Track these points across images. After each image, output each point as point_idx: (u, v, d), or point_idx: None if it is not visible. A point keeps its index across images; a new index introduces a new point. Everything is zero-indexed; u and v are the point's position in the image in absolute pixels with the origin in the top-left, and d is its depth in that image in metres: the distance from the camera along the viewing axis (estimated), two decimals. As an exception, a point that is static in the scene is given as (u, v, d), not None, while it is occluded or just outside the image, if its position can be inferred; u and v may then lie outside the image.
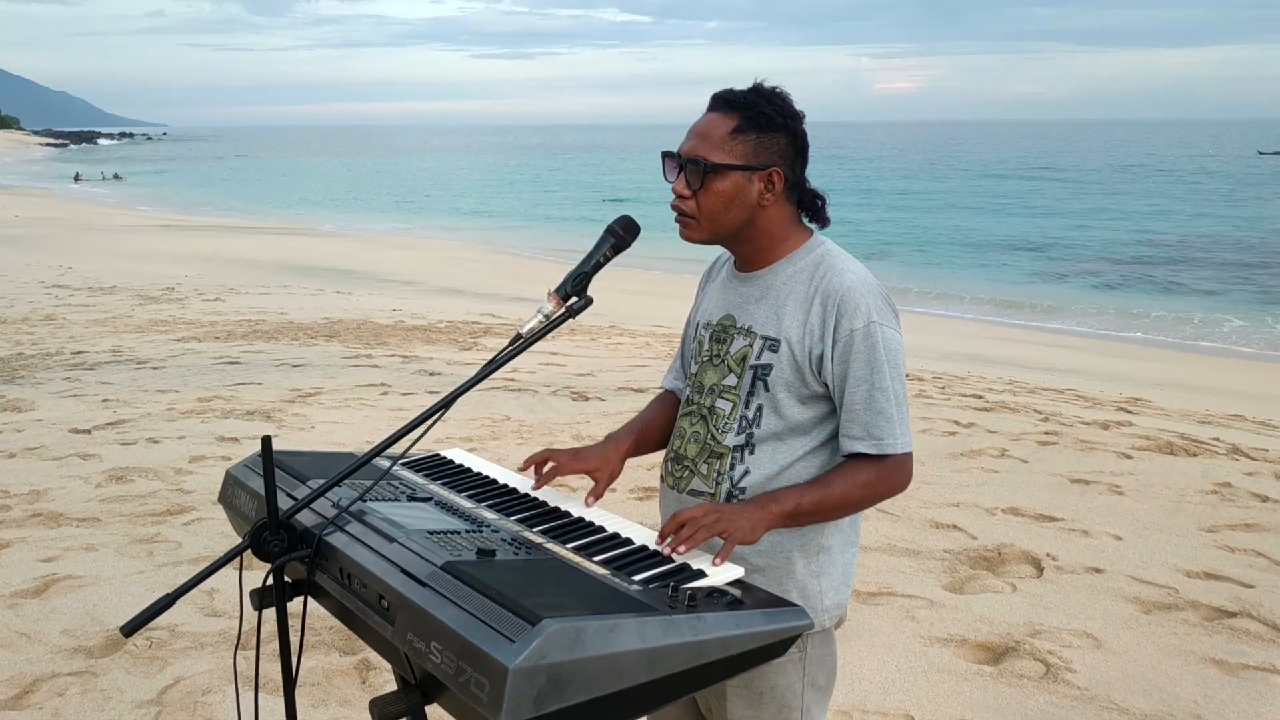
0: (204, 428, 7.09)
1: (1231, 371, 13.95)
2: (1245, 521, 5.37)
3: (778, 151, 1.97)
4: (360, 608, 1.64)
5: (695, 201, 1.98)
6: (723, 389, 2.03)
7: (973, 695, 3.64)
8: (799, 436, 1.98)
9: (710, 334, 2.10)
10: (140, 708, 3.55)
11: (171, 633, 4.08)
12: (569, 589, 1.54)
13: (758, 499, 1.90)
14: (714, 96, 2.01)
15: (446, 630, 1.42)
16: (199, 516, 5.36)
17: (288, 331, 12.13)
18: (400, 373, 9.30)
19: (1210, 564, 4.79)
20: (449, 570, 1.55)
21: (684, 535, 1.78)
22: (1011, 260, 27.88)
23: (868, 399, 1.90)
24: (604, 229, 2.01)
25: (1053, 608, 4.34)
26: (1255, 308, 20.30)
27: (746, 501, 1.90)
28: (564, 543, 1.80)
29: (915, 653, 3.94)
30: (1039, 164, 79.48)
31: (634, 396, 8.32)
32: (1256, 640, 4.05)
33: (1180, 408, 9.36)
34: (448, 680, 1.40)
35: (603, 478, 2.10)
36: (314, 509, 1.89)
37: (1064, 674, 3.77)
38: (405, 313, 14.61)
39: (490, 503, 2.03)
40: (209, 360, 9.84)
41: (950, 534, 5.15)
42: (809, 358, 1.93)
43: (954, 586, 4.56)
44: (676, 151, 2.01)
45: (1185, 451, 6.66)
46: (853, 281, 1.93)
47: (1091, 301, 21.08)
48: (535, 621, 1.36)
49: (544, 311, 1.94)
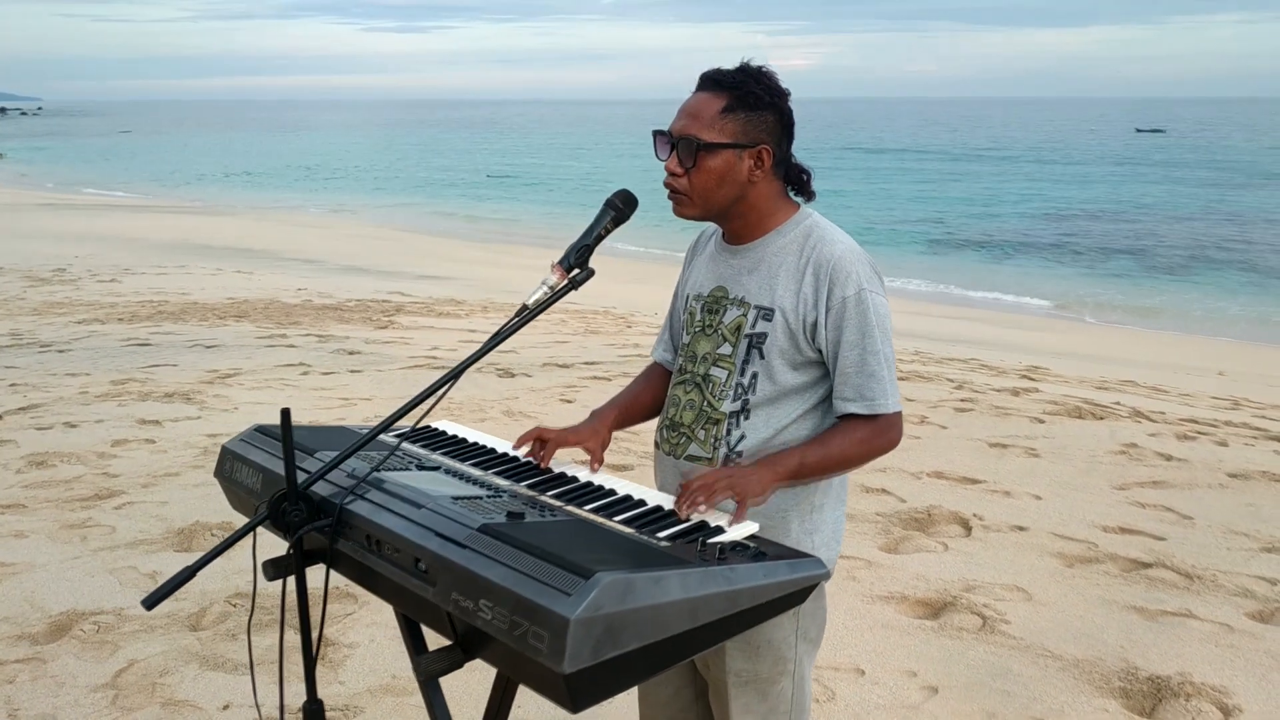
0: (123, 410, 6.92)
1: (1116, 341, 14.59)
2: (1153, 479, 5.70)
3: (766, 129, 2.05)
4: (394, 572, 1.68)
5: (688, 179, 2.04)
6: (717, 357, 2.11)
7: (918, 648, 3.82)
8: (792, 400, 2.07)
9: (702, 305, 2.18)
10: (96, 692, 3.50)
11: (118, 617, 4.02)
12: (608, 546, 1.61)
13: (762, 460, 1.99)
14: (703, 76, 2.08)
15: (496, 588, 1.48)
16: (130, 500, 5.25)
17: (194, 312, 11.83)
18: (319, 352, 9.18)
19: (1124, 519, 5.08)
20: (487, 532, 1.61)
21: (701, 498, 1.86)
22: (905, 232, 28.58)
23: (860, 362, 2.01)
24: (604, 202, 2.07)
25: (983, 564, 4.56)
26: (1135, 279, 21.23)
27: (752, 464, 1.99)
28: (581, 505, 1.87)
29: (860, 610, 4.11)
30: (930, 142, 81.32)
31: (560, 372, 8.37)
32: (1172, 588, 4.32)
33: (1078, 375, 9.79)
34: (501, 635, 1.46)
35: (596, 448, 2.17)
36: (327, 480, 1.93)
37: (1000, 625, 3.98)
38: (312, 291, 14.35)
39: (497, 470, 2.09)
40: (116, 342, 9.56)
41: (881, 498, 5.35)
42: (803, 325, 2.03)
43: (889, 547, 4.75)
44: (668, 130, 2.07)
45: (1093, 415, 7.01)
46: (843, 251, 2.03)
47: (984, 273, 21.80)
48: (589, 575, 1.43)
49: (548, 284, 2.00)
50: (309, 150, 74.65)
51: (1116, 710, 3.40)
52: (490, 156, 67.35)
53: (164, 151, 71.15)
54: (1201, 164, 52.82)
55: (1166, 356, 12.86)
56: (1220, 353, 13.68)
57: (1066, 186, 41.82)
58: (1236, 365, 12.28)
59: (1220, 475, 5.78)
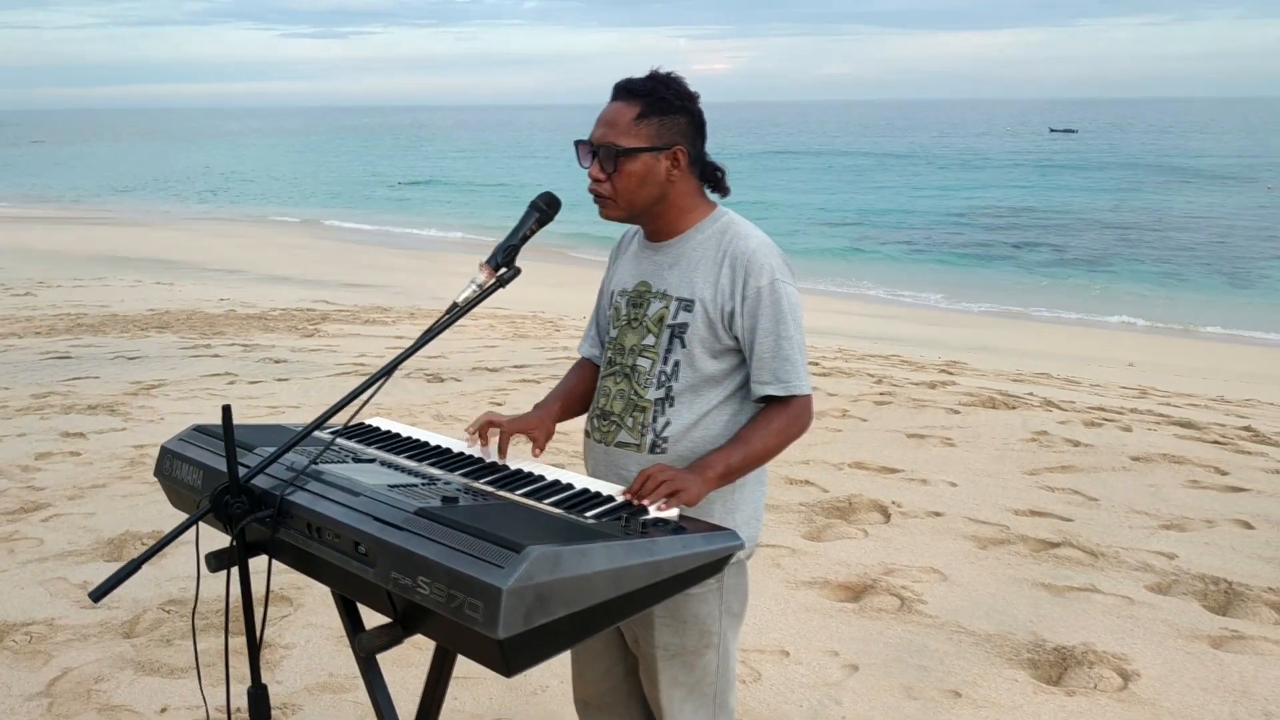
0: (45, 424, 6.84)
1: (1033, 336, 15.07)
2: (1062, 464, 5.96)
3: (679, 131, 2.19)
4: (334, 556, 1.77)
5: (611, 184, 2.17)
6: (642, 348, 2.24)
7: (838, 629, 3.98)
8: (713, 388, 2.21)
9: (626, 300, 2.30)
10: (30, 700, 3.51)
11: (50, 627, 4.02)
12: (537, 524, 1.73)
13: (694, 466, 2.10)
14: (616, 86, 2.21)
15: (433, 564, 1.59)
16: (57, 513, 5.22)
17: (114, 324, 11.66)
18: (244, 361, 9.12)
19: (1034, 503, 5.32)
20: (423, 515, 1.71)
21: (649, 488, 1.98)
22: (825, 234, 29.08)
23: (774, 348, 2.15)
24: (529, 204, 2.18)
25: (901, 549, 4.75)
26: (1053, 275, 21.90)
27: (688, 468, 2.10)
28: (513, 490, 1.98)
29: (783, 596, 4.27)
30: (847, 144, 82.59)
31: (489, 376, 8.44)
32: (1077, 565, 4.55)
33: (994, 368, 10.13)
34: (438, 608, 1.57)
35: (540, 437, 2.29)
36: (267, 473, 2.01)
37: (917, 605, 4.16)
38: (235, 301, 14.22)
39: (430, 461, 2.19)
40: (35, 356, 9.40)
41: (804, 489, 5.53)
42: (721, 314, 2.16)
43: (812, 535, 4.92)
44: (589, 139, 2.20)
45: (1006, 405, 7.28)
46: (757, 244, 2.18)
47: (904, 272, 22.30)
48: (520, 549, 1.54)
49: (476, 282, 2.10)
50: (226, 159, 73.38)
51: (1025, 680, 3.60)
52: (412, 162, 66.93)
53: (78, 162, 69.39)
54: (1114, 163, 54.49)
55: (1081, 350, 13.34)
56: (1132, 345, 14.21)
57: (986, 186, 42.84)
58: (1147, 356, 12.78)
59: (1124, 459, 6.06)
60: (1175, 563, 4.55)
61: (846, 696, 3.49)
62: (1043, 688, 3.55)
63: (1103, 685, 3.54)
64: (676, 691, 2.26)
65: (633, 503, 1.96)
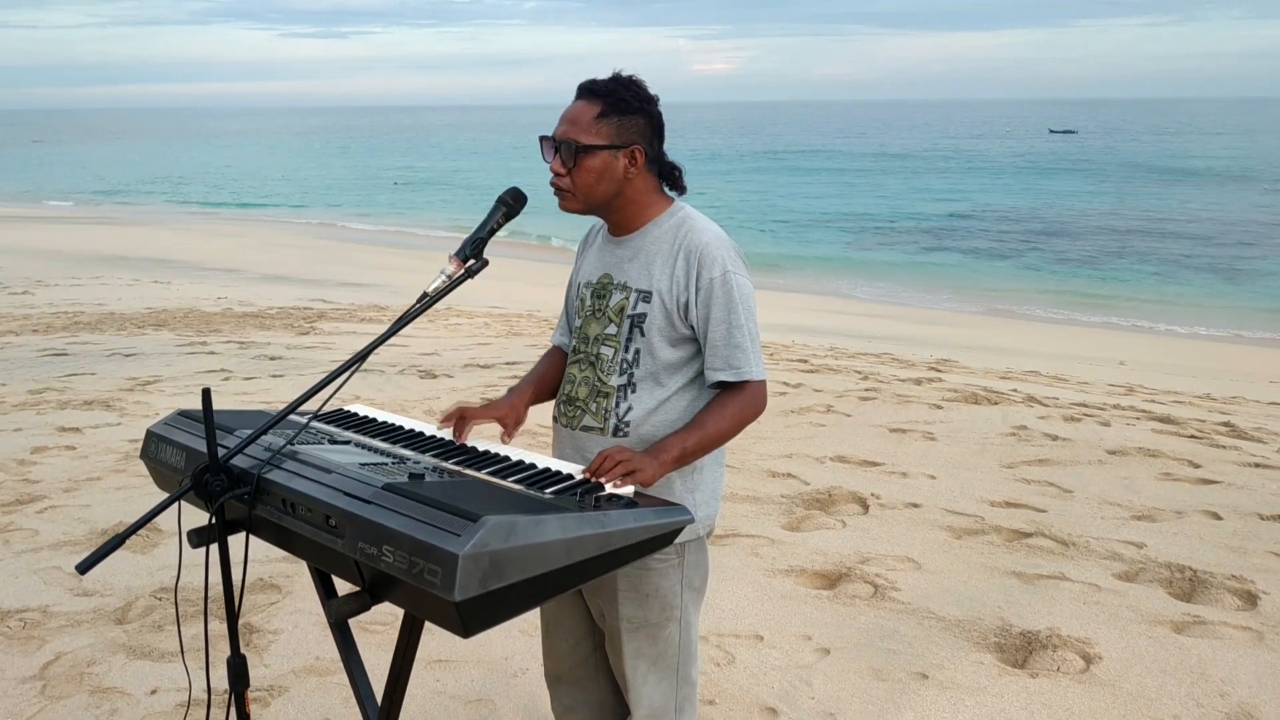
0: (41, 419, 6.95)
1: (1027, 334, 15.18)
2: (1039, 458, 6.07)
3: (638, 131, 2.30)
4: (307, 530, 1.88)
5: (570, 178, 2.29)
6: (605, 338, 2.35)
7: (813, 615, 4.09)
8: (671, 375, 2.32)
9: (591, 292, 2.42)
10: (24, 683, 3.61)
11: (44, 613, 4.13)
12: (496, 498, 1.84)
13: (651, 449, 2.21)
14: (580, 86, 2.33)
15: (396, 534, 1.70)
16: (52, 504, 5.33)
17: (111, 322, 11.76)
18: (240, 359, 9.23)
19: (1010, 494, 5.43)
20: (389, 489, 1.82)
21: (606, 467, 2.09)
22: (824, 235, 29.19)
23: (726, 336, 2.26)
24: (496, 199, 2.29)
25: (878, 539, 4.86)
26: (1050, 275, 22.01)
27: (645, 451, 2.21)
28: (479, 469, 2.09)
29: (761, 584, 4.37)
30: (845, 145, 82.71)
31: (480, 372, 8.55)
32: (1048, 554, 4.66)
33: (984, 366, 10.24)
34: (401, 574, 1.68)
35: (510, 423, 2.40)
36: (246, 454, 2.11)
37: (890, 592, 4.27)
38: (232, 300, 14.33)
39: (403, 444, 2.30)
40: (32, 353, 9.51)
41: (786, 481, 5.64)
42: (677, 305, 2.28)
43: (791, 526, 5.03)
44: (552, 135, 2.31)
45: (988, 401, 7.39)
46: (710, 238, 2.29)
47: (901, 271, 22.41)
48: (476, 519, 1.65)
49: (446, 273, 2.21)
50: (226, 159, 73.55)
51: (991, 663, 3.70)
52: (409, 162, 67.04)
53: (78, 161, 69.55)
54: (1113, 164, 54.61)
55: (1074, 349, 13.44)
56: (1124, 344, 14.31)
57: (985, 186, 42.96)
58: (1138, 355, 12.89)
59: (1100, 452, 6.17)
60: (1143, 552, 4.65)
61: (817, 678, 3.60)
62: (1007, 670, 3.66)
63: (1065, 668, 3.65)
64: (640, 663, 2.37)
65: (590, 480, 2.07)
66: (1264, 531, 4.93)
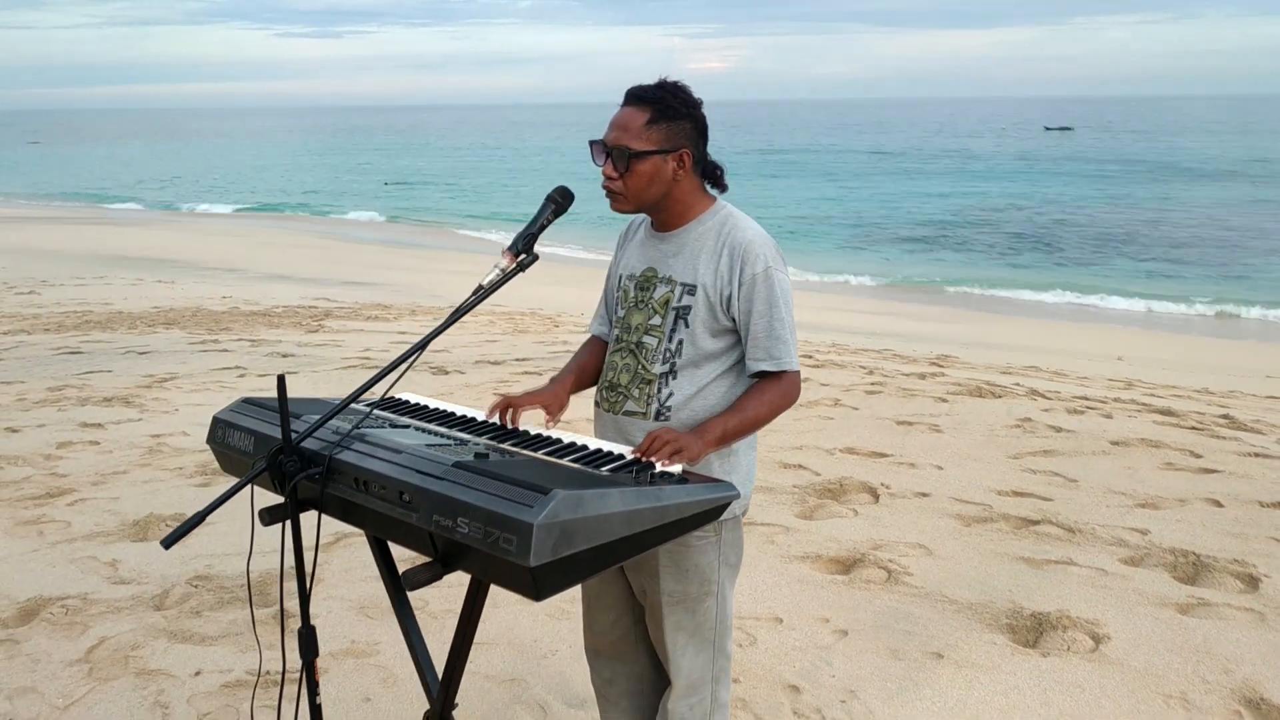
0: (63, 415, 7.07)
1: (1024, 330, 15.34)
2: (1044, 449, 6.22)
3: (685, 135, 2.44)
4: (381, 506, 2.01)
5: (623, 182, 2.42)
6: (649, 327, 2.49)
7: (829, 599, 4.23)
8: (711, 363, 2.46)
9: (634, 284, 2.55)
10: (71, 666, 3.74)
11: (85, 601, 4.25)
12: (560, 474, 1.97)
13: (695, 430, 2.35)
14: (628, 93, 2.46)
15: (472, 507, 1.83)
16: (81, 497, 5.45)
17: (121, 321, 11.88)
18: (253, 355, 9.36)
19: (1016, 484, 5.58)
20: (460, 467, 1.95)
21: (655, 447, 2.22)
22: (823, 232, 29.36)
23: (768, 328, 2.40)
24: (545, 196, 2.43)
25: (889, 526, 5.00)
26: (1048, 271, 22.18)
27: (689, 432, 2.35)
28: (535, 450, 2.23)
29: (777, 569, 4.51)
30: (843, 143, 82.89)
31: (492, 368, 8.68)
32: (1056, 541, 4.81)
33: (984, 362, 10.38)
34: (476, 544, 1.81)
35: (554, 409, 2.54)
36: (314, 437, 2.25)
37: (903, 577, 4.41)
38: (237, 299, 14.44)
39: (458, 428, 2.44)
40: (47, 351, 9.63)
41: (797, 472, 5.78)
42: (720, 298, 2.41)
43: (805, 514, 5.17)
44: (603, 140, 2.45)
45: (992, 394, 7.54)
46: (753, 235, 2.43)
47: (896, 269, 22.57)
48: (547, 492, 1.79)
49: (500, 266, 2.35)
50: (222, 159, 73.58)
51: (1004, 643, 3.85)
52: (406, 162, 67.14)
53: (76, 162, 69.54)
54: (1109, 160, 54.84)
55: (1074, 344, 13.59)
56: (1123, 340, 14.46)
57: (981, 184, 43.15)
58: (1137, 351, 13.04)
59: (1104, 443, 6.32)
60: (1148, 538, 4.80)
61: (836, 658, 3.74)
62: (1019, 649, 3.80)
63: (1075, 647, 3.80)
64: (680, 635, 2.51)
65: (641, 459, 2.20)
66: (1264, 518, 5.08)
